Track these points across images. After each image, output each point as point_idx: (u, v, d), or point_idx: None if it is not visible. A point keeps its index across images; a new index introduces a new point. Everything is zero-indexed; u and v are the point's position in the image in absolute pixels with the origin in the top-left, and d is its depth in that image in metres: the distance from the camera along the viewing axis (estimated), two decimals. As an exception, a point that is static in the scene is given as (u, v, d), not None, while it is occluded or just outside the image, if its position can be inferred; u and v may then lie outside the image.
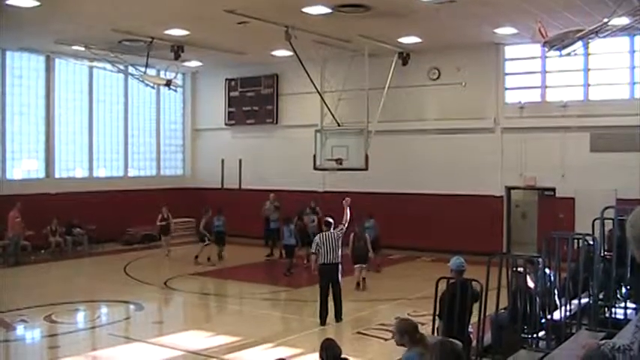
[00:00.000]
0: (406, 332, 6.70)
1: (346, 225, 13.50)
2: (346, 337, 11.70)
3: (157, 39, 19.85)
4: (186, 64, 24.62)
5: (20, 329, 13.42)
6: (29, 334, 13.57)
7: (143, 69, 21.57)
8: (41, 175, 23.68)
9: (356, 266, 17.00)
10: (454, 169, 21.88)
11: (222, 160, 27.22)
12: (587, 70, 20.35)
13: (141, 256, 22.38)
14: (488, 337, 9.12)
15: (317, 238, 13.48)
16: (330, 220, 13.69)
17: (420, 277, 17.89)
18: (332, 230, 13.35)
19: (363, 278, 17.08)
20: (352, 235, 17.08)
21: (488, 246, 18.12)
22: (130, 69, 22.63)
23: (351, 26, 17.89)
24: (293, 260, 19.31)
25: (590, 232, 10.14)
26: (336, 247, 13.15)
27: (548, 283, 9.59)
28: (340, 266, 13.33)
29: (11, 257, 20.70)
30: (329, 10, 16.41)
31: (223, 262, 20.81)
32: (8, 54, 22.51)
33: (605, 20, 13.97)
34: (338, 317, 13.33)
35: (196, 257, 20.87)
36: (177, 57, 20.89)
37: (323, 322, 13.12)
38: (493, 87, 21.68)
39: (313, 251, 13.46)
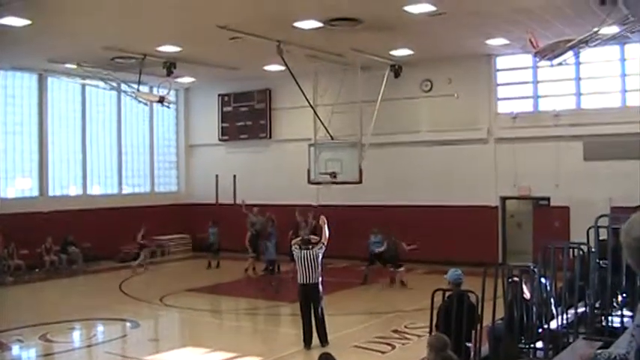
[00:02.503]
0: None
1: (326, 243, 12.70)
2: (343, 351, 11.62)
3: (149, 56, 19.89)
4: (179, 80, 24.65)
5: (15, 349, 13.31)
6: (25, 353, 13.48)
7: (136, 86, 21.56)
8: (35, 193, 23.61)
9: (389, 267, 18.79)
10: (448, 181, 21.92)
11: (217, 176, 27.21)
12: (578, 79, 20.46)
13: (136, 274, 22.29)
14: (485, 349, 9.11)
15: (296, 252, 12.71)
16: (309, 237, 13.33)
17: (416, 289, 17.86)
18: (311, 249, 12.59)
19: (401, 281, 18.63)
20: (386, 241, 18.83)
21: (484, 256, 18.12)
22: (123, 86, 22.63)
23: (343, 40, 17.95)
24: (275, 274, 19.07)
25: (585, 241, 10.15)
26: (315, 267, 12.43)
27: (545, 293, 9.59)
28: (320, 287, 12.59)
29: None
30: (320, 25, 16.47)
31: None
32: (1, 73, 22.47)
33: (595, 29, 14.04)
34: (322, 341, 12.47)
35: (254, 269, 21.28)
36: (169, 73, 20.90)
37: (307, 345, 12.45)
38: (485, 98, 21.76)
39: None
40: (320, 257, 12.59)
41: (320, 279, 12.59)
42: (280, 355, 12.18)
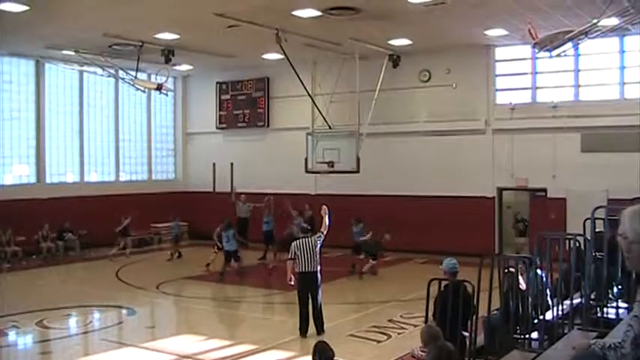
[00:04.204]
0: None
1: (325, 232, 12.79)
2: (339, 340, 11.66)
3: (147, 43, 19.85)
4: (177, 67, 24.61)
5: (12, 335, 13.33)
6: (21, 340, 13.49)
7: (134, 73, 21.51)
8: (32, 180, 23.58)
9: (361, 256, 18.75)
10: (445, 171, 21.92)
11: (214, 164, 27.17)
12: (577, 70, 20.44)
13: (133, 261, 22.32)
14: (481, 339, 9.13)
15: (293, 244, 12.76)
16: (308, 226, 13.37)
17: (412, 278, 17.90)
18: (310, 237, 12.73)
19: (365, 271, 18.57)
20: (370, 233, 18.87)
21: (480, 247, 18.16)
22: (121, 73, 22.55)
23: (342, 29, 17.91)
24: (234, 265, 19.05)
25: (582, 232, 10.16)
26: (314, 255, 12.48)
27: (540, 284, 9.61)
28: (319, 275, 12.64)
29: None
30: (319, 13, 16.44)
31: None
32: (-2, 59, 22.44)
33: (595, 21, 14.02)
34: (319, 330, 12.54)
35: (208, 265, 20.20)
36: (167, 61, 20.88)
37: (303, 334, 12.50)
38: (484, 88, 21.74)
39: (290, 257, 12.75)
40: (318, 246, 12.64)
41: (319, 267, 12.64)
42: (276, 343, 12.20)
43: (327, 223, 12.88)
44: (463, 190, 21.64)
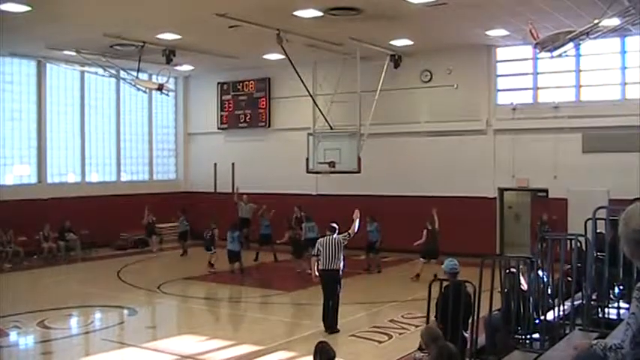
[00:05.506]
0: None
1: (352, 235, 13.01)
2: (340, 340, 11.67)
3: (148, 43, 19.85)
4: (178, 68, 24.61)
5: (13, 335, 13.35)
6: (22, 340, 13.50)
7: (135, 73, 21.52)
8: (33, 180, 23.60)
9: (422, 260, 18.28)
10: (447, 171, 21.91)
11: (215, 165, 27.18)
12: (578, 71, 20.43)
13: (134, 261, 22.32)
14: (482, 339, 9.13)
15: (318, 241, 13.11)
16: (335, 225, 13.45)
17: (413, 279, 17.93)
18: (335, 235, 12.93)
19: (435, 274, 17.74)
20: (426, 231, 18.50)
21: (482, 248, 18.14)
22: (122, 73, 22.55)
23: (343, 29, 17.90)
24: (236, 265, 19.28)
25: (583, 233, 10.15)
26: (336, 253, 12.69)
27: (542, 284, 9.60)
28: (341, 273, 12.86)
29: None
30: (320, 14, 16.44)
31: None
32: (-1, 59, 22.45)
33: (596, 21, 14.01)
34: (331, 328, 12.70)
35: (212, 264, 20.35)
36: (169, 61, 20.88)
37: (328, 329, 12.63)
38: (485, 89, 21.73)
39: (314, 254, 13.09)
40: (342, 245, 12.84)
41: (341, 265, 12.83)
42: (277, 343, 12.19)
43: (357, 226, 13.16)
44: (464, 190, 21.61)
